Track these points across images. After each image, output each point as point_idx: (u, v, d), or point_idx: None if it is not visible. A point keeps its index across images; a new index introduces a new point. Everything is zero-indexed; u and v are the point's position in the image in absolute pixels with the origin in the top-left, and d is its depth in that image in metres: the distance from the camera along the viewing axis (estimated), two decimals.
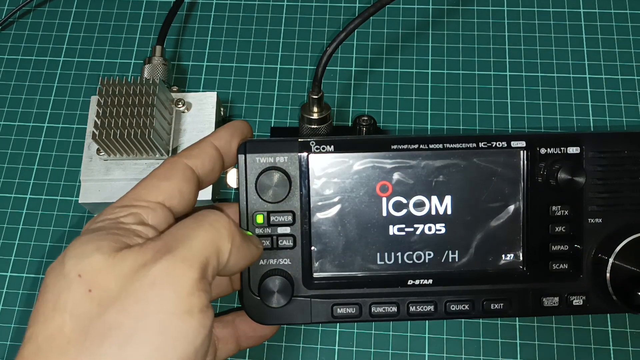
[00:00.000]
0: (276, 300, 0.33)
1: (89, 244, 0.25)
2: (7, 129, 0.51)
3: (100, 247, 0.25)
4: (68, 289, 0.24)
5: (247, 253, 0.29)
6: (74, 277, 0.24)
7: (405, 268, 0.34)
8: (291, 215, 0.34)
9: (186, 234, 0.26)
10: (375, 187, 0.34)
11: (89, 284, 0.24)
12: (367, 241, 0.34)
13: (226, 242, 0.27)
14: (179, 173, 0.29)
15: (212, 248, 0.26)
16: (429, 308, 0.34)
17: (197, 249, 0.25)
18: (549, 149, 0.34)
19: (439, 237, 0.34)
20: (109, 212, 0.28)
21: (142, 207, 0.28)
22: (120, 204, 0.28)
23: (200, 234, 0.26)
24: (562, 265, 0.34)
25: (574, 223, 0.34)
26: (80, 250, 0.25)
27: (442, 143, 0.34)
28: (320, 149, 0.34)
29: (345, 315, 0.34)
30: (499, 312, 0.34)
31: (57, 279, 0.24)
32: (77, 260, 0.24)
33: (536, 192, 0.34)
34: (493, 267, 0.35)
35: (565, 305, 0.35)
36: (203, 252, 0.25)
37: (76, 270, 0.24)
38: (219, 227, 0.27)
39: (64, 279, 0.24)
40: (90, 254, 0.24)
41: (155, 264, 0.24)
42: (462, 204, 0.34)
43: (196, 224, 0.26)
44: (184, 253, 0.25)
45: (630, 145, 0.35)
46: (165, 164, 0.30)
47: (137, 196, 0.28)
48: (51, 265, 0.25)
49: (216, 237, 0.26)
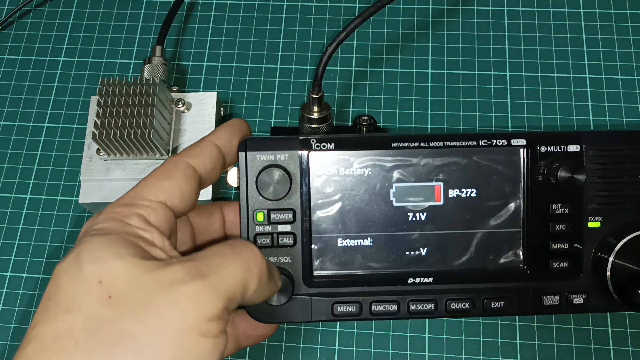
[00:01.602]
0: (277, 299, 0.33)
1: (105, 249, 0.25)
2: (7, 129, 0.51)
3: (119, 254, 0.25)
4: (87, 294, 0.24)
5: (268, 291, 0.30)
6: (94, 282, 0.24)
7: (406, 266, 0.34)
8: (292, 213, 0.34)
9: (221, 263, 0.26)
10: (375, 185, 0.34)
11: (109, 291, 0.24)
12: (367, 239, 0.34)
13: (255, 281, 0.27)
14: (180, 172, 0.29)
15: (242, 284, 0.26)
16: (429, 306, 0.34)
17: (228, 283, 0.26)
18: (549, 147, 0.34)
19: (439, 235, 0.34)
20: (111, 211, 0.27)
21: (144, 206, 0.28)
22: (123, 202, 0.28)
23: (235, 268, 0.26)
24: (562, 263, 0.34)
25: (574, 221, 0.34)
26: (97, 255, 0.25)
27: (443, 141, 0.34)
28: (321, 147, 0.34)
29: (346, 313, 0.34)
30: (499, 311, 0.34)
31: (74, 282, 0.24)
32: (96, 265, 0.24)
33: (536, 190, 0.34)
34: (493, 266, 0.35)
35: (566, 304, 0.34)
36: (233, 286, 0.26)
37: (97, 276, 0.24)
38: (252, 266, 0.27)
39: (82, 283, 0.24)
40: (109, 259, 0.24)
41: (185, 285, 0.24)
42: (462, 202, 0.34)
43: (232, 257, 0.27)
44: (216, 283, 0.25)
45: (631, 144, 0.34)
46: (166, 163, 0.30)
47: (139, 195, 0.28)
48: (61, 266, 0.25)
49: (248, 275, 0.27)
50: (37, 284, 0.47)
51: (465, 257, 0.35)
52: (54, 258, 0.47)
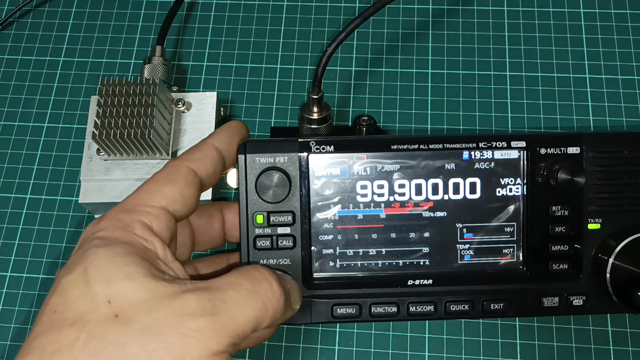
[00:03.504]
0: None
1: (114, 267, 0.25)
2: (7, 129, 0.51)
3: (129, 274, 0.24)
4: (93, 312, 0.24)
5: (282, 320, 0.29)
6: (103, 301, 0.24)
7: (405, 268, 0.34)
8: (291, 216, 0.34)
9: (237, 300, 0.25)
10: (375, 187, 0.34)
11: (117, 310, 0.24)
12: (367, 241, 0.34)
13: (268, 320, 0.27)
14: (181, 177, 0.29)
15: (255, 324, 0.26)
16: (428, 308, 0.34)
17: (241, 323, 0.25)
18: (549, 149, 0.34)
19: (439, 237, 0.34)
20: (113, 217, 0.27)
21: (146, 212, 0.28)
22: (124, 207, 0.28)
23: (251, 309, 0.26)
24: (562, 265, 0.34)
25: (574, 223, 0.34)
26: (107, 274, 0.25)
27: (442, 143, 0.34)
28: (320, 149, 0.34)
29: (345, 315, 0.34)
30: (498, 312, 0.34)
31: (83, 300, 0.24)
32: (107, 285, 0.24)
33: (536, 192, 0.34)
34: (493, 268, 0.35)
35: (565, 306, 0.35)
36: (245, 326, 0.25)
37: (106, 296, 0.24)
38: (269, 307, 0.26)
39: (92, 301, 0.24)
40: (119, 281, 0.24)
41: (194, 320, 0.24)
42: (462, 204, 0.34)
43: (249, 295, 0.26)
44: (228, 322, 0.24)
45: (631, 146, 0.35)
46: (167, 168, 0.30)
47: (141, 200, 0.28)
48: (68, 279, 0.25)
49: (263, 315, 0.26)
50: (38, 284, 0.47)
51: (464, 259, 0.35)
52: (54, 258, 0.47)
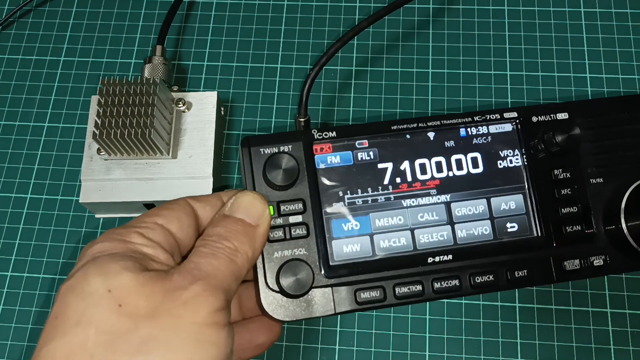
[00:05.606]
0: (299, 288, 0.32)
1: (112, 263, 0.26)
2: (8, 128, 0.51)
3: (126, 266, 0.26)
4: (95, 305, 0.25)
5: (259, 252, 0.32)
6: (103, 292, 0.25)
7: (423, 246, 0.34)
8: (301, 203, 0.33)
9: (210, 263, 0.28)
10: (381, 169, 0.34)
11: (119, 300, 0.25)
12: (381, 223, 0.34)
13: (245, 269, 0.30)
14: (180, 206, 0.31)
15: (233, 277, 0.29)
16: (453, 283, 0.33)
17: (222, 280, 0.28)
18: (540, 117, 0.36)
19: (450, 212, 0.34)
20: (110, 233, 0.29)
21: (143, 227, 0.29)
22: (122, 226, 0.29)
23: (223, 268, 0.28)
24: (575, 227, 0.35)
25: (578, 183, 0.35)
26: (104, 269, 0.26)
27: (440, 120, 0.35)
28: (323, 136, 0.34)
29: (370, 299, 0.33)
30: (525, 280, 0.34)
31: (81, 297, 0.25)
32: (105, 277, 0.25)
33: (536, 160, 0.35)
34: (509, 237, 0.35)
35: (587, 268, 0.34)
36: (226, 281, 0.28)
37: (105, 287, 0.25)
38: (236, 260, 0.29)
39: (90, 296, 0.25)
40: (117, 272, 0.26)
41: (188, 288, 0.26)
42: (467, 179, 0.35)
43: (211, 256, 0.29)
44: (213, 282, 0.27)
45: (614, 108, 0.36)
46: (168, 201, 0.32)
47: (138, 220, 0.30)
48: (68, 284, 0.26)
49: (236, 269, 0.29)
50: (38, 284, 0.47)
51: (479, 232, 0.34)
52: (54, 258, 0.47)
